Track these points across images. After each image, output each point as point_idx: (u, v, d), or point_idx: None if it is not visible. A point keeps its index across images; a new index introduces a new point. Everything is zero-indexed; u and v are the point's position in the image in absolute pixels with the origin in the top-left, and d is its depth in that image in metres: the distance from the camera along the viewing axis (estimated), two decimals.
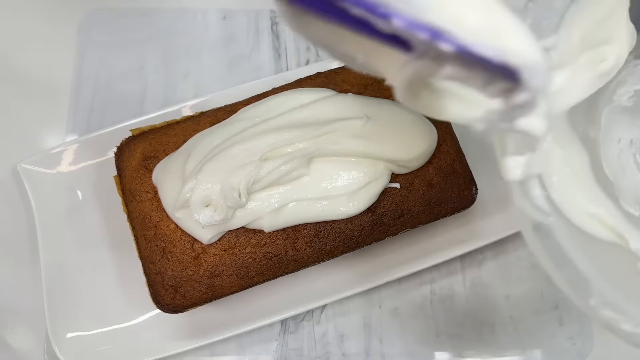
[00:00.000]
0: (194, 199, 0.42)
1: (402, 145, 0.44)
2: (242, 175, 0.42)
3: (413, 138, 0.44)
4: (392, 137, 0.44)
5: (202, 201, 0.42)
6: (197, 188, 0.42)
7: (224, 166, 0.43)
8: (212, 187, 0.43)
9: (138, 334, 0.47)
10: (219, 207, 0.42)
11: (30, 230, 0.51)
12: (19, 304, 0.50)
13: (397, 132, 0.44)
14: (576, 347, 0.50)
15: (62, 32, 0.57)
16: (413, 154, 0.44)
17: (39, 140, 0.54)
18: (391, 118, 0.45)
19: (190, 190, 0.43)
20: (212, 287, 0.44)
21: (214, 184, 0.43)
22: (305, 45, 0.57)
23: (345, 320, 0.50)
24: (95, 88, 0.55)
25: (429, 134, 0.45)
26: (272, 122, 0.44)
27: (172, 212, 0.44)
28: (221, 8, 0.58)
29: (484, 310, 0.51)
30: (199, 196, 0.42)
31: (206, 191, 0.43)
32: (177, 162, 0.45)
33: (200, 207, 0.42)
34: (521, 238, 0.52)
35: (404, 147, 0.44)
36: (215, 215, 0.42)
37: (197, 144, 0.45)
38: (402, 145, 0.44)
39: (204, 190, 0.43)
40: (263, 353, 0.49)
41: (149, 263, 0.44)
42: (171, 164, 0.45)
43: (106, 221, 0.50)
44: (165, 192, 0.44)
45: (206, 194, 0.42)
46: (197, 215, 0.42)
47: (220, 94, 0.51)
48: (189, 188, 0.43)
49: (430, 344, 0.50)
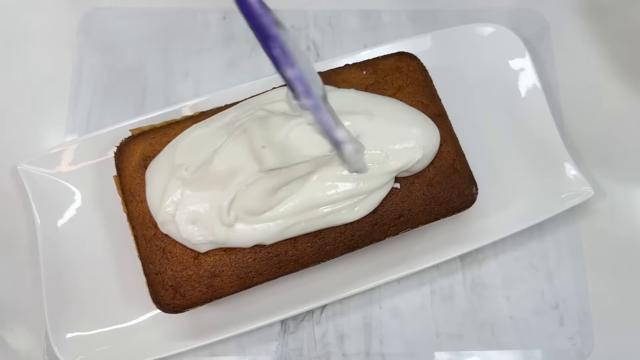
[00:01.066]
0: (178, 218, 0.41)
1: (406, 151, 0.43)
2: (234, 190, 0.41)
3: (417, 141, 0.44)
4: (395, 140, 0.44)
5: (188, 219, 0.41)
6: (183, 203, 0.41)
7: (213, 179, 0.42)
8: (199, 205, 0.41)
9: (138, 334, 0.47)
10: (209, 228, 0.41)
11: (30, 230, 0.51)
12: (19, 304, 0.50)
13: (401, 132, 0.44)
14: (576, 347, 0.50)
15: (62, 32, 0.57)
16: (417, 161, 0.44)
17: (39, 140, 0.54)
18: (394, 115, 0.45)
19: (174, 203, 0.42)
20: (212, 287, 0.44)
21: (202, 202, 0.41)
22: (305, 45, 0.57)
23: (345, 320, 0.50)
24: (95, 88, 0.55)
25: (433, 135, 0.45)
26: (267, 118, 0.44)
27: (155, 216, 0.43)
28: (221, 8, 0.58)
29: (484, 310, 0.50)
30: (184, 215, 0.41)
31: (193, 208, 0.41)
32: (163, 164, 0.44)
33: (187, 224, 0.41)
34: (521, 238, 0.52)
35: (408, 153, 0.43)
36: (208, 236, 0.41)
37: (184, 141, 0.43)
38: (406, 151, 0.43)
39: (191, 206, 0.41)
40: (263, 353, 0.49)
41: (149, 263, 0.44)
42: (157, 166, 0.44)
43: (106, 221, 0.50)
44: (149, 194, 0.44)
45: (193, 210, 0.41)
46: (184, 235, 0.42)
47: (220, 94, 0.51)
48: (173, 202, 0.41)
49: (430, 344, 0.50)
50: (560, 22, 0.59)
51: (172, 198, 0.42)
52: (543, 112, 0.53)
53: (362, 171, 0.34)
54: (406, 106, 0.46)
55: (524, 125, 0.53)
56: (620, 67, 0.57)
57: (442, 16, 0.59)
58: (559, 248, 0.52)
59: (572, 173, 0.51)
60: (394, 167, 0.43)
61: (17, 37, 0.56)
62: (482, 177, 0.48)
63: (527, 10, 0.59)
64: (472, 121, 0.46)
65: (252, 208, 0.42)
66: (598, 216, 0.53)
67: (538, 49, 0.58)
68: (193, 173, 0.42)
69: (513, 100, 0.54)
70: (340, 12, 0.59)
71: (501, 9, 0.59)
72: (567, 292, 0.51)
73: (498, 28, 0.55)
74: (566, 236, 0.53)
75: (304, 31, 0.58)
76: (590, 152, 0.55)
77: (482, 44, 0.55)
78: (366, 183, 0.43)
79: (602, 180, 0.54)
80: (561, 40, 0.58)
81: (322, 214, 0.43)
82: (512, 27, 0.55)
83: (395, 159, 0.43)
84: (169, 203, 0.42)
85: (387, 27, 0.58)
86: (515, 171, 0.52)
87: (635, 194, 0.54)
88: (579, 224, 0.53)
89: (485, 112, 0.54)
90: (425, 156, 0.44)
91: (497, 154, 0.52)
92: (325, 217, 0.43)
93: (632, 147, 0.55)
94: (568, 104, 0.56)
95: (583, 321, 0.50)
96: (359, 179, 0.43)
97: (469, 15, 0.58)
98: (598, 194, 0.53)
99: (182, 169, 0.42)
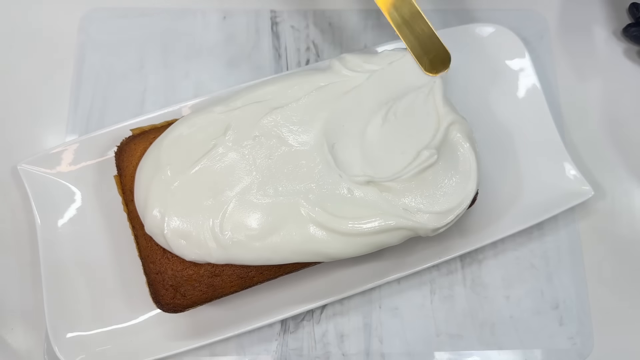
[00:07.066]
0: (167, 232, 0.41)
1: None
2: (229, 202, 0.41)
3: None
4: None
5: (177, 235, 0.41)
6: (168, 213, 0.40)
7: (203, 185, 0.41)
8: (187, 220, 0.41)
9: (138, 334, 0.47)
10: (203, 248, 0.41)
11: (30, 230, 0.51)
12: (19, 304, 0.50)
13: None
14: (576, 347, 0.50)
15: (63, 32, 0.57)
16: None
17: (39, 140, 0.54)
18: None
19: (160, 214, 0.41)
20: (212, 286, 0.44)
21: (190, 215, 0.41)
22: (305, 45, 0.57)
23: (345, 320, 0.50)
24: (95, 88, 0.55)
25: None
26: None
27: (143, 221, 0.43)
28: (221, 8, 0.58)
29: (484, 310, 0.51)
30: (171, 231, 0.40)
31: (181, 222, 0.41)
32: (149, 164, 0.43)
33: (178, 238, 0.41)
34: (521, 238, 0.52)
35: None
36: (204, 256, 0.41)
37: (169, 137, 0.42)
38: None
39: (179, 221, 0.40)
40: (263, 353, 0.49)
41: (149, 262, 0.44)
42: (143, 166, 0.44)
43: (106, 221, 0.50)
44: (137, 198, 0.43)
45: (180, 225, 0.40)
46: (176, 252, 0.41)
47: (220, 94, 0.51)
48: (160, 212, 0.41)
49: (430, 344, 0.50)
50: (560, 22, 0.59)
51: (158, 208, 0.41)
52: (543, 112, 0.53)
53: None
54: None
55: (524, 125, 0.53)
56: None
57: (442, 16, 0.59)
58: (559, 248, 0.52)
59: (572, 173, 0.51)
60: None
61: (17, 37, 0.57)
62: (482, 177, 0.48)
63: (527, 10, 0.59)
64: (472, 121, 0.46)
65: (251, 227, 0.41)
66: (598, 216, 0.53)
67: (538, 49, 0.58)
68: (179, 175, 0.41)
69: (513, 100, 0.54)
70: (340, 12, 0.59)
71: (501, 9, 0.59)
72: (567, 292, 0.51)
73: (498, 28, 0.55)
74: (566, 236, 0.53)
75: (304, 31, 0.58)
76: (590, 152, 0.55)
77: (482, 44, 0.55)
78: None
79: (602, 180, 0.54)
80: (561, 40, 0.58)
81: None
82: (512, 27, 0.55)
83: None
84: (156, 213, 0.41)
85: (387, 27, 0.58)
86: (515, 171, 0.52)
87: (635, 194, 0.54)
88: (579, 224, 0.53)
89: (485, 112, 0.54)
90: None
91: (496, 154, 0.52)
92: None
93: (632, 147, 0.55)
94: (568, 104, 0.56)
95: (583, 321, 0.50)
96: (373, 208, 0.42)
97: (469, 15, 0.58)
98: (598, 194, 0.53)
99: (167, 170, 0.42)
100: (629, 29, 0.57)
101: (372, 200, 0.42)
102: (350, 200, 0.42)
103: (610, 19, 0.59)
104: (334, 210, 0.42)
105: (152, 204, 0.42)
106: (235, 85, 0.51)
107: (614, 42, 0.59)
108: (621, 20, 0.59)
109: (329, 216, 0.41)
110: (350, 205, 0.42)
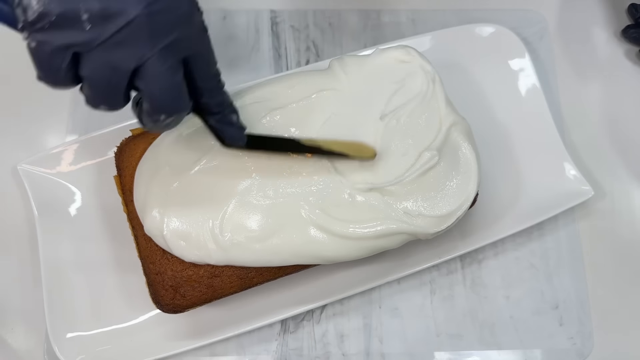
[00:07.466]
0: (166, 233, 0.40)
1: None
2: (229, 202, 0.41)
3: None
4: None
5: (177, 236, 0.41)
6: (168, 214, 0.40)
7: (203, 185, 0.41)
8: (187, 219, 0.40)
9: (138, 334, 0.47)
10: (202, 249, 0.41)
11: (30, 230, 0.51)
12: (19, 304, 0.50)
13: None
14: (576, 347, 0.50)
15: None
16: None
17: (39, 140, 0.54)
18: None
19: (160, 215, 0.40)
20: (212, 287, 0.44)
21: (190, 215, 0.40)
22: (305, 45, 0.57)
23: (345, 320, 0.50)
24: None
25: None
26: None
27: (142, 218, 0.43)
28: (221, 8, 0.58)
29: (484, 310, 0.50)
30: (170, 232, 0.40)
31: (180, 222, 0.40)
32: (149, 163, 0.43)
33: (177, 240, 0.41)
34: (521, 238, 0.52)
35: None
36: (204, 258, 0.41)
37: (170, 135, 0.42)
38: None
39: (179, 221, 0.40)
40: (263, 353, 0.49)
41: (149, 263, 0.44)
42: (143, 165, 0.43)
43: (106, 221, 0.50)
44: (136, 197, 0.43)
45: (180, 226, 0.40)
46: (174, 252, 0.41)
47: None
48: (159, 213, 0.40)
49: (430, 344, 0.50)
50: (560, 22, 0.59)
51: (158, 209, 0.41)
52: (543, 112, 0.53)
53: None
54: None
55: (524, 125, 0.53)
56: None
57: (442, 16, 0.59)
58: (559, 248, 0.52)
59: (571, 173, 0.51)
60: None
61: (17, 37, 0.56)
62: (482, 178, 0.48)
63: (527, 10, 0.59)
64: (472, 121, 0.46)
65: (251, 229, 0.41)
66: (598, 216, 0.53)
67: (538, 49, 0.58)
68: (179, 175, 0.41)
69: (513, 100, 0.54)
70: (340, 12, 0.59)
71: (501, 9, 0.59)
72: (567, 292, 0.51)
73: (498, 28, 0.55)
74: (566, 236, 0.53)
75: (304, 31, 0.58)
76: (590, 152, 0.55)
77: (482, 44, 0.55)
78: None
79: (602, 180, 0.54)
80: (561, 41, 0.58)
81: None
82: (512, 27, 0.55)
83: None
84: (155, 213, 0.41)
85: (387, 27, 0.58)
86: (515, 171, 0.52)
87: (635, 194, 0.54)
88: (579, 224, 0.53)
89: (485, 112, 0.54)
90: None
91: (496, 154, 0.52)
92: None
93: (632, 147, 0.55)
94: (568, 104, 0.56)
95: (583, 321, 0.50)
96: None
97: (469, 15, 0.58)
98: (598, 194, 0.53)
99: (167, 171, 0.42)
100: (628, 30, 0.57)
101: (373, 204, 0.42)
102: (351, 204, 0.42)
103: (610, 19, 0.59)
104: (334, 213, 0.41)
105: (151, 204, 0.42)
106: (235, 85, 0.51)
107: (614, 43, 0.59)
108: (621, 20, 0.59)
109: (329, 219, 0.41)
110: (352, 208, 0.42)
